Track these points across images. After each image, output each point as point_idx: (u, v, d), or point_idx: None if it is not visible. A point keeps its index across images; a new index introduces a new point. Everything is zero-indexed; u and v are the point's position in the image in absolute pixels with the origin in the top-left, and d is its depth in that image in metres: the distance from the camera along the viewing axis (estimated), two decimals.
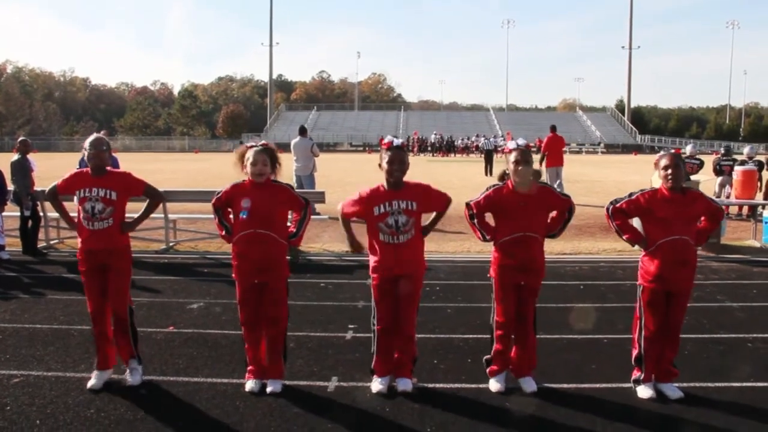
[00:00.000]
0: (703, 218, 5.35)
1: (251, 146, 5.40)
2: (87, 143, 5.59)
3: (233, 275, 5.43)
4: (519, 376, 5.53)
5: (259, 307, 5.43)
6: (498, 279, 5.40)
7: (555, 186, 19.53)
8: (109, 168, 5.64)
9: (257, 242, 5.28)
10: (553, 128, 20.53)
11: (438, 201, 5.42)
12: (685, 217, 5.18)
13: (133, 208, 5.80)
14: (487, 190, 5.42)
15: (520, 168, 5.19)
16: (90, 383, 5.53)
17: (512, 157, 5.26)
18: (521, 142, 5.42)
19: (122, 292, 5.59)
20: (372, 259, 5.41)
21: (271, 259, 5.35)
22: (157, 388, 5.56)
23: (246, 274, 5.35)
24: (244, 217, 5.27)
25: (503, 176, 5.45)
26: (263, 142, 5.52)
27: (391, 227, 5.22)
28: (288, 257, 5.57)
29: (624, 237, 5.44)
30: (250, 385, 5.45)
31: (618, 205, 5.42)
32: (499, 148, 51.65)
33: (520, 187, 5.24)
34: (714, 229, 5.52)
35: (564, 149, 20.44)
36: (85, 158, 5.63)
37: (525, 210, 5.25)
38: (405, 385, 5.40)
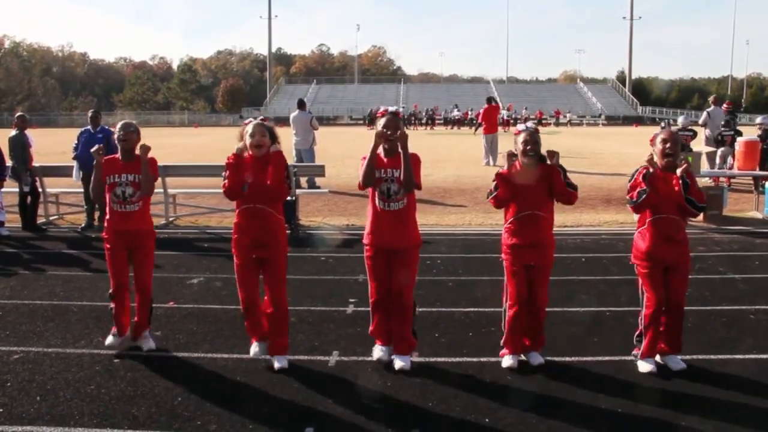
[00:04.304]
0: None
1: (249, 121, 5.38)
2: (118, 126, 5.94)
3: (233, 250, 5.41)
4: (528, 350, 5.52)
5: (257, 286, 5.43)
6: (509, 260, 5.39)
7: (490, 153, 20.74)
8: (137, 152, 5.86)
9: (257, 217, 5.28)
10: (489, 100, 23.24)
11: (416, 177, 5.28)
12: (674, 195, 5.14)
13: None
14: (497, 175, 5.42)
15: (526, 147, 5.26)
16: (108, 341, 5.87)
17: (521, 138, 5.32)
18: (530, 124, 5.51)
19: (148, 270, 5.90)
20: (366, 227, 5.40)
21: (271, 233, 5.33)
22: (158, 364, 5.55)
23: (245, 248, 5.33)
24: (245, 191, 5.25)
25: (511, 158, 5.47)
26: (261, 117, 5.52)
27: (383, 194, 5.23)
28: (287, 231, 5.54)
29: (646, 191, 5.18)
30: (254, 349, 5.51)
31: (631, 197, 5.27)
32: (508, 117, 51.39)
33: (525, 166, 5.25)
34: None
35: (498, 117, 23.85)
36: (115, 141, 5.99)
37: (532, 188, 5.28)
38: (403, 362, 5.37)
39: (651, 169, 5.20)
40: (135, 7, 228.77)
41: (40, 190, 12.24)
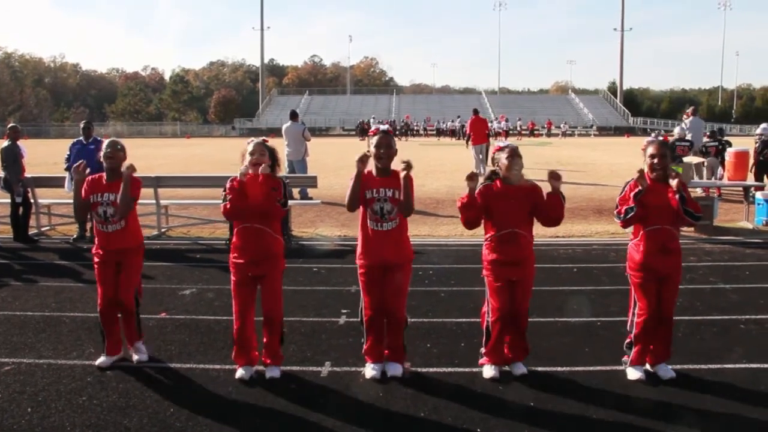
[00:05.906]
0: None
1: (251, 140, 5.45)
2: (105, 144, 5.88)
3: (230, 267, 5.44)
4: (510, 362, 5.53)
5: (253, 304, 5.46)
6: (491, 275, 5.40)
7: (480, 164, 21.07)
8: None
9: (254, 236, 5.32)
10: (475, 111, 24.20)
11: None
12: (667, 206, 5.19)
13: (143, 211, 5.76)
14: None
15: (512, 160, 5.29)
16: (99, 361, 5.72)
17: (504, 154, 5.36)
18: (510, 142, 5.64)
19: (131, 285, 5.81)
20: (359, 246, 5.43)
21: (267, 251, 5.38)
22: (149, 375, 5.54)
23: (242, 266, 5.37)
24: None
25: (491, 176, 5.49)
26: (264, 138, 5.59)
27: (376, 214, 5.28)
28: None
29: (634, 209, 5.24)
30: (240, 372, 5.44)
31: (619, 212, 5.34)
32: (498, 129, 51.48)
33: (511, 179, 5.27)
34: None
35: (487, 130, 24.25)
36: (101, 158, 5.83)
37: (513, 206, 5.31)
38: (395, 369, 5.42)
39: (641, 188, 5.19)
40: (128, 18, 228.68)
41: (32, 201, 12.20)
